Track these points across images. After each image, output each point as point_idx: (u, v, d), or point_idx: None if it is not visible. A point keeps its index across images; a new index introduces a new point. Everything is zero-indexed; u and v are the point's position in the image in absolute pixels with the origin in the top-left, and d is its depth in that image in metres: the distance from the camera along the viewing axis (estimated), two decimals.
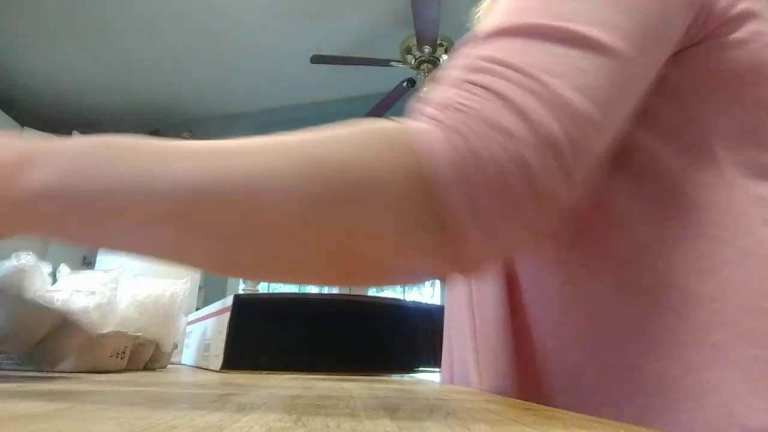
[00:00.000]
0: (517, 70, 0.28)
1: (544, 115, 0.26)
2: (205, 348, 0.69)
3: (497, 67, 0.28)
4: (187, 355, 0.86)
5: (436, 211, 0.26)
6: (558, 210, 0.28)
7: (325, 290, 4.42)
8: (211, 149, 0.29)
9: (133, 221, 0.28)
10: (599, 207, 0.37)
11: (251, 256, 0.29)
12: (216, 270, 0.33)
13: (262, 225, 0.27)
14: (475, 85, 0.28)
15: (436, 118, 0.27)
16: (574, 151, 0.27)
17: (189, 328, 0.88)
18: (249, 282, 1.27)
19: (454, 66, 0.30)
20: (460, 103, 0.27)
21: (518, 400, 0.37)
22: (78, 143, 0.30)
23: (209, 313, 0.73)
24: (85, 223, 0.29)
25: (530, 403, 0.33)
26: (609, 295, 0.36)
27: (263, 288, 1.48)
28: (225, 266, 0.32)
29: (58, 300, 0.53)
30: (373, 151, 0.27)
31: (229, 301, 0.61)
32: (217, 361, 0.57)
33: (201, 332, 0.76)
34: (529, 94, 0.27)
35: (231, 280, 3.77)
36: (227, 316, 0.59)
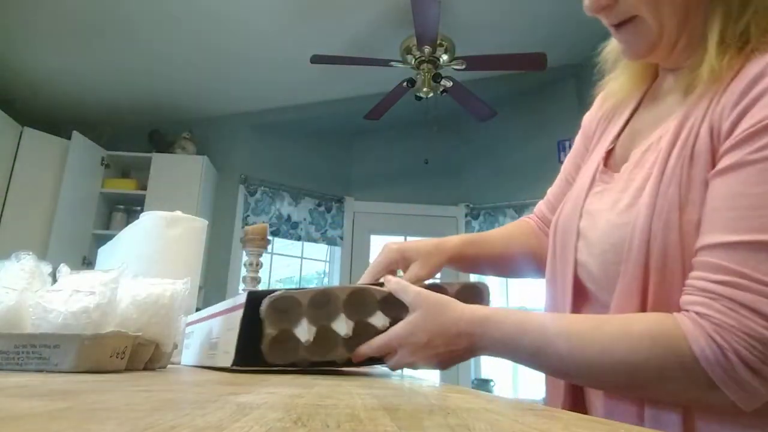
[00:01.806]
0: (756, 281, 0.43)
1: None
2: (210, 347, 0.69)
3: (742, 281, 0.43)
4: (188, 355, 0.86)
5: (712, 387, 0.44)
6: None
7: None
8: (573, 346, 0.51)
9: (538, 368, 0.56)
10: None
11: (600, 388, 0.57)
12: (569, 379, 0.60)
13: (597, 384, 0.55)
14: (738, 302, 0.43)
15: (713, 335, 0.44)
16: None
17: (189, 329, 0.88)
18: (249, 282, 1.28)
19: (707, 273, 0.46)
20: (730, 324, 0.43)
21: (518, 400, 0.37)
22: (499, 336, 0.55)
23: (214, 312, 0.73)
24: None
25: (530, 403, 0.33)
26: None
27: (263, 287, 1.49)
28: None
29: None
30: (665, 354, 0.46)
31: (241, 298, 0.61)
32: (227, 358, 0.57)
33: (204, 332, 0.76)
34: (764, 299, 0.42)
35: (231, 281, 3.78)
36: (239, 313, 0.59)
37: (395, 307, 0.62)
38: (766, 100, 0.46)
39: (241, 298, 0.60)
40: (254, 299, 0.59)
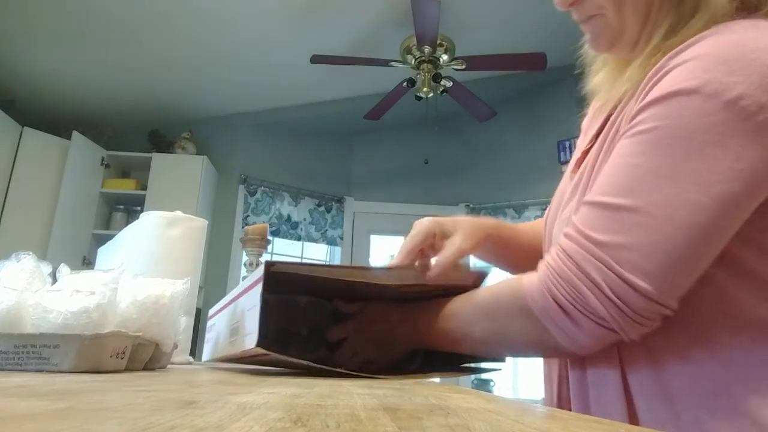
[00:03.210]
0: (582, 234, 0.48)
1: (593, 267, 0.47)
2: (232, 333, 0.66)
3: (573, 233, 0.49)
4: (207, 350, 0.85)
5: (544, 329, 0.50)
6: (622, 321, 0.46)
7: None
8: (461, 311, 0.61)
9: (453, 343, 0.63)
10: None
11: (481, 350, 0.64)
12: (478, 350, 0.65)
13: (476, 344, 0.61)
14: (562, 249, 0.50)
15: (540, 277, 0.51)
16: (616, 283, 0.45)
17: (210, 322, 0.87)
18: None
19: (565, 228, 0.51)
20: (552, 266, 0.50)
21: (518, 400, 0.37)
22: (421, 323, 0.64)
23: (234, 297, 0.71)
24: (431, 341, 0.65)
25: (530, 403, 0.33)
26: None
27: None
28: (481, 351, 0.66)
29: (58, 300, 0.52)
30: (510, 300, 0.54)
31: (259, 272, 0.55)
32: (251, 339, 0.54)
33: (226, 320, 0.73)
34: (585, 253, 0.47)
35: (231, 281, 3.78)
36: (260, 287, 0.54)
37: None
38: (653, 91, 0.49)
39: (260, 271, 0.55)
40: (273, 271, 0.55)
